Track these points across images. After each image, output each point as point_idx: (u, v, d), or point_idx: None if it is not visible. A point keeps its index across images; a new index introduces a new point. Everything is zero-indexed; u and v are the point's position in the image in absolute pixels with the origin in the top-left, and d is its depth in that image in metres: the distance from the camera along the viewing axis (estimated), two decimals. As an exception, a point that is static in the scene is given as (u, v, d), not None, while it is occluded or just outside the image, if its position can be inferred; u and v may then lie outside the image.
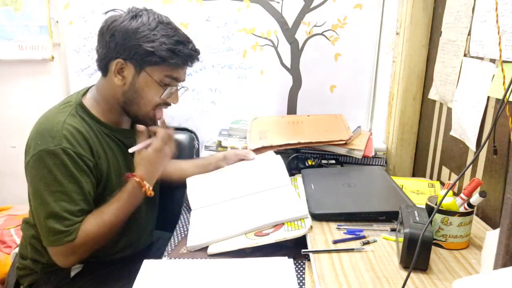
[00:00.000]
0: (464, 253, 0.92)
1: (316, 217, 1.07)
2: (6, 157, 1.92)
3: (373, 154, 1.48)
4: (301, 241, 0.98)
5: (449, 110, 1.30)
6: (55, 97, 1.81)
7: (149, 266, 0.92)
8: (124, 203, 1.07)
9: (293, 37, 1.73)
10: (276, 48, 1.75)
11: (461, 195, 0.93)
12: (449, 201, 0.93)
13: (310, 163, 1.47)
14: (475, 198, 0.90)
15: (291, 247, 1.00)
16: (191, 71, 1.76)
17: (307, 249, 0.95)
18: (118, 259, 1.19)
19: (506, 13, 0.98)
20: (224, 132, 1.70)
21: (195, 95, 1.80)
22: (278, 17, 1.71)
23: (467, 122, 1.16)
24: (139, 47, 1.04)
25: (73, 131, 1.03)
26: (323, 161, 1.49)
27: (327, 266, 0.87)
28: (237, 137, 1.63)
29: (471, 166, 1.16)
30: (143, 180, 1.08)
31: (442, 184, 1.36)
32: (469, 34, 1.17)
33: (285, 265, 0.90)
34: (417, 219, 0.86)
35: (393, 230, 1.01)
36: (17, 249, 1.22)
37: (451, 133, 1.28)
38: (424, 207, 0.96)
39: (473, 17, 1.15)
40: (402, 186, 1.29)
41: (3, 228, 1.78)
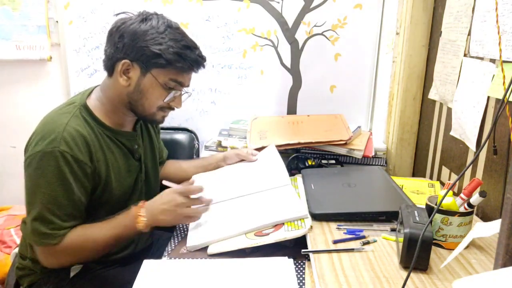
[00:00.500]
0: (464, 253, 0.92)
1: (316, 217, 1.07)
2: (6, 157, 1.92)
3: (373, 154, 1.48)
4: (301, 241, 0.98)
5: (449, 110, 1.30)
6: (54, 97, 1.83)
7: (149, 266, 0.92)
8: (118, 232, 1.06)
9: (293, 37, 1.73)
10: (276, 48, 1.75)
11: (461, 195, 0.93)
12: (449, 201, 0.93)
13: (310, 163, 1.47)
14: (475, 198, 0.90)
15: (291, 247, 1.01)
16: (191, 71, 1.76)
17: (307, 249, 0.95)
18: (118, 259, 1.20)
19: (506, 13, 0.98)
20: (224, 132, 1.70)
21: (195, 95, 1.80)
22: (278, 17, 1.71)
23: (467, 122, 1.16)
24: (146, 49, 1.05)
25: (75, 134, 1.03)
26: (323, 161, 1.50)
27: (327, 266, 0.87)
28: (237, 137, 1.64)
29: (471, 166, 1.16)
30: (142, 208, 1.05)
31: (442, 184, 1.36)
32: (469, 34, 1.17)
33: (285, 265, 0.90)
34: (417, 219, 0.87)
35: (393, 230, 1.01)
36: (17, 249, 1.22)
37: (451, 133, 1.28)
38: (424, 207, 0.96)
39: (473, 17, 1.15)
40: (402, 186, 1.29)
41: (3, 228, 1.78)
